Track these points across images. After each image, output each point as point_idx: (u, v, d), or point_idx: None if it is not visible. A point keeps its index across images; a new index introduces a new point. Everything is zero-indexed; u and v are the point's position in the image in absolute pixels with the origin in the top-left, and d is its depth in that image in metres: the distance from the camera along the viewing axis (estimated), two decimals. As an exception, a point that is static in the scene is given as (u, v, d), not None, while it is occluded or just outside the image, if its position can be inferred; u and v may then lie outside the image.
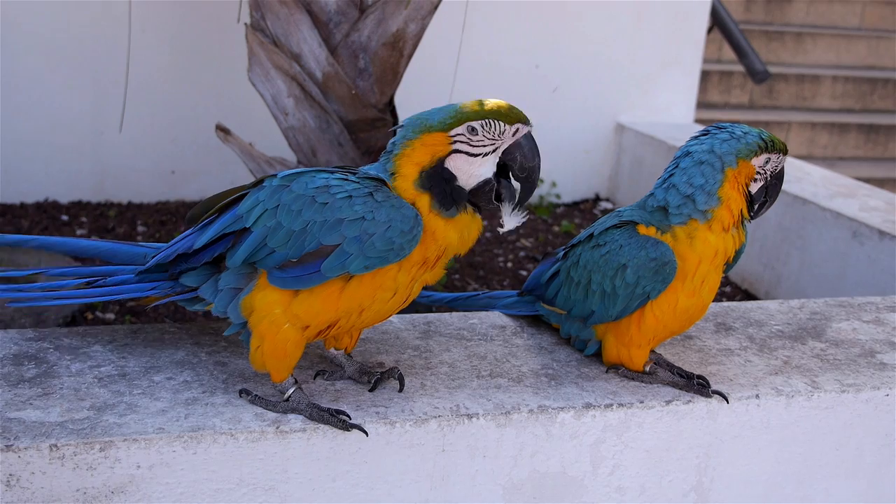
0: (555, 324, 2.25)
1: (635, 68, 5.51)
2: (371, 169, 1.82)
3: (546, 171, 5.72)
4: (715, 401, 2.03)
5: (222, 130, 3.45)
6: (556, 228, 5.03)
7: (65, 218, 4.55)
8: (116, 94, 4.12)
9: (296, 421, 1.79)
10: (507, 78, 5.26)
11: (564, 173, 5.51)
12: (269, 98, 3.36)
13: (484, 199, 1.78)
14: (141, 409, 1.78)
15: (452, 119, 1.74)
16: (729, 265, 2.06)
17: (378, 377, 1.94)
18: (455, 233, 1.79)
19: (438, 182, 1.76)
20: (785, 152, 2.00)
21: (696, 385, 2.04)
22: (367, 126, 3.38)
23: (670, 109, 5.64)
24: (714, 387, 2.05)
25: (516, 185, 1.79)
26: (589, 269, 2.05)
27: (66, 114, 4.68)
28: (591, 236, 2.10)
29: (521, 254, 4.60)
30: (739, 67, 6.98)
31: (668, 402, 2.00)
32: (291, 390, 1.82)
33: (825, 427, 2.13)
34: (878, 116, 8.09)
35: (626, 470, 2.02)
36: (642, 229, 2.00)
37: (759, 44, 7.80)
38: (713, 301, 2.22)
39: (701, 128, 2.07)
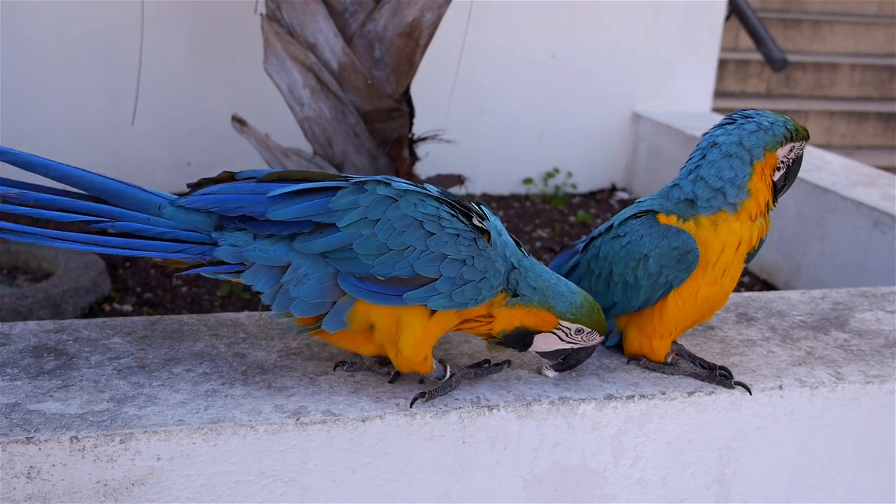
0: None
1: (652, 57, 5.47)
2: (494, 234, 1.84)
3: (562, 160, 5.74)
4: (738, 392, 2.01)
5: (238, 121, 3.45)
6: (571, 219, 5.01)
7: (81, 210, 4.56)
8: (132, 86, 4.12)
9: (315, 413, 1.78)
10: (523, 68, 5.24)
11: (580, 163, 5.48)
12: (284, 89, 3.35)
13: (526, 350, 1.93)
14: (160, 401, 1.78)
15: (571, 316, 1.86)
16: (751, 255, 2.04)
17: (398, 372, 1.92)
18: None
19: (517, 340, 1.89)
20: (807, 138, 1.98)
21: (719, 376, 2.02)
22: (383, 116, 3.36)
23: (687, 98, 5.60)
24: (736, 378, 2.03)
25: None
26: (610, 261, 2.03)
27: (82, 106, 4.69)
28: (610, 227, 2.08)
29: (538, 244, 4.58)
30: (756, 56, 6.92)
31: (690, 394, 1.98)
32: (448, 373, 1.88)
33: (849, 418, 2.10)
34: (896, 105, 8.01)
35: (647, 462, 2.00)
36: (663, 218, 1.98)
37: (775, 31, 7.74)
38: (734, 291, 2.20)
39: (722, 116, 2.04)
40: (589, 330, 1.88)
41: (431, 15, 3.30)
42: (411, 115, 3.51)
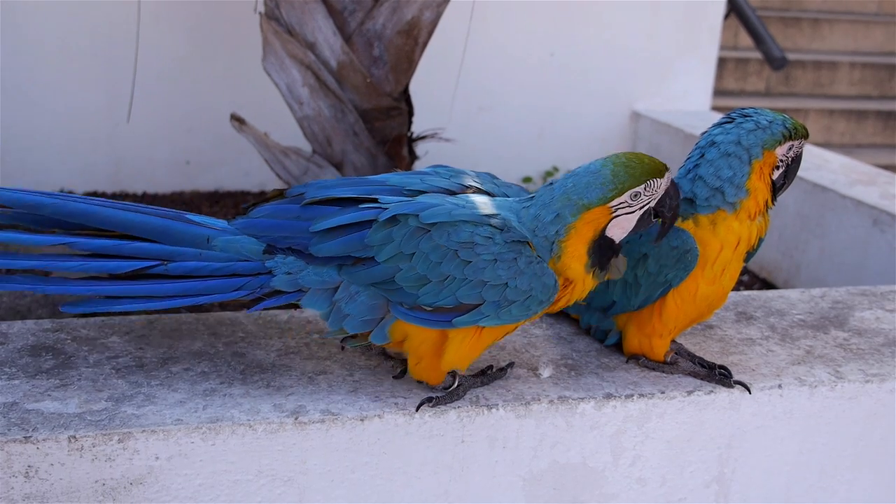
0: (573, 314, 2.23)
1: (651, 55, 5.46)
2: (514, 219, 1.77)
3: (562, 159, 5.71)
4: (737, 391, 2.01)
5: (237, 120, 3.44)
6: (571, 217, 5.00)
7: (80, 209, 4.54)
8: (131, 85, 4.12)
9: (314, 412, 1.77)
10: (522, 66, 5.23)
11: (580, 161, 5.37)
12: (283, 87, 3.35)
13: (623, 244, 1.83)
14: (159, 400, 1.78)
15: (613, 192, 1.72)
16: (751, 253, 2.03)
17: (404, 369, 1.92)
18: (591, 283, 1.82)
19: (603, 254, 1.78)
20: (806, 137, 1.97)
21: (718, 375, 2.01)
22: (382, 115, 3.36)
23: (687, 97, 5.58)
24: (736, 377, 2.03)
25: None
26: (609, 259, 2.02)
27: (81, 104, 4.68)
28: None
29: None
30: (755, 54, 6.90)
31: (689, 393, 1.98)
32: (456, 382, 1.87)
33: (849, 417, 2.10)
34: (896, 103, 8.00)
35: (647, 461, 2.00)
36: (662, 217, 1.98)
37: (775, 30, 7.72)
38: (733, 290, 2.20)
39: (722, 115, 2.04)
40: (642, 186, 1.73)
41: (430, 13, 3.29)
42: (410, 113, 3.50)
